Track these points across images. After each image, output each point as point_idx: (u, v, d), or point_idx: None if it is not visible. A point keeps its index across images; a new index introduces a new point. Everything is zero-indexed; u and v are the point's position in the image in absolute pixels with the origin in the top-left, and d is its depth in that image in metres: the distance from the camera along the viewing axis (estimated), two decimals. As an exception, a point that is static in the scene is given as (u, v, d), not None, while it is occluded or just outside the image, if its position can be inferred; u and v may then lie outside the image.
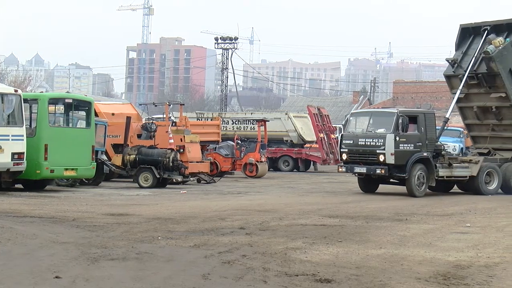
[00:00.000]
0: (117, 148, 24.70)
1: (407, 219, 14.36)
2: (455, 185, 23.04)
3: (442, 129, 22.80)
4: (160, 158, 22.92)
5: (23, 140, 18.82)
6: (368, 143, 20.92)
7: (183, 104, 30.81)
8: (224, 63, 65.50)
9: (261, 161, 30.85)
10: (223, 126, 35.90)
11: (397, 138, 20.46)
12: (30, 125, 19.81)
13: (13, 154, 18.56)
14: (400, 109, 21.64)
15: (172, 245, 10.13)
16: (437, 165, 21.18)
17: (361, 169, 21.21)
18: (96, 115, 23.17)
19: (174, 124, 27.11)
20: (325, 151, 35.62)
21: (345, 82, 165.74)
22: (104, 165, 23.05)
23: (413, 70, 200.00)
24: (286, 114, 38.54)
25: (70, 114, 21.37)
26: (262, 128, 31.96)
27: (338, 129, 37.77)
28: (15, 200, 16.80)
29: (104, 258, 8.86)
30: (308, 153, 37.21)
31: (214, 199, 18.81)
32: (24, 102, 19.26)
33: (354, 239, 11.17)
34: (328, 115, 38.16)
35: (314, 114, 36.02)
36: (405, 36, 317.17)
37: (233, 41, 64.65)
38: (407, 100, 62.09)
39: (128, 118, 24.81)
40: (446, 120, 23.06)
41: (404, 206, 17.52)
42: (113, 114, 26.24)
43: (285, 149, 37.64)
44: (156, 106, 31.33)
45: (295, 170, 37.00)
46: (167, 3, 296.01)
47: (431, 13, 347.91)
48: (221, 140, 31.79)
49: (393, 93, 69.63)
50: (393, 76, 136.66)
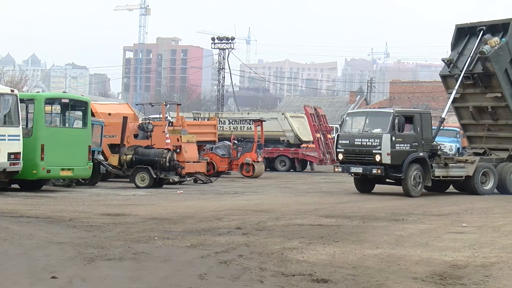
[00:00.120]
0: (114, 148, 24.68)
1: (404, 219, 14.37)
2: (451, 185, 23.07)
3: (438, 129, 22.85)
4: (157, 158, 22.91)
5: (20, 140, 18.80)
6: (364, 143, 20.93)
7: (180, 104, 30.83)
8: (221, 63, 65.57)
9: (258, 161, 30.86)
10: (220, 126, 35.85)
11: (393, 138, 20.47)
12: (27, 125, 19.76)
13: (10, 154, 18.53)
14: (396, 109, 21.64)
15: (169, 245, 10.12)
16: (433, 165, 21.19)
17: (357, 169, 21.22)
18: (93, 115, 23.15)
19: (171, 124, 27.09)
20: (322, 151, 35.66)
21: (342, 82, 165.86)
22: (101, 165, 23.02)
23: (410, 70, 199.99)
24: (283, 114, 38.54)
25: (67, 114, 21.36)
26: (259, 128, 31.98)
27: (335, 129, 37.71)
28: (12, 200, 16.79)
29: (101, 258, 8.86)
30: (305, 153, 37.24)
31: (211, 199, 18.81)
32: (21, 102, 19.24)
33: (351, 239, 11.18)
34: (325, 115, 38.19)
35: (311, 114, 36.04)
36: (402, 36, 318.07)
37: (230, 41, 64.72)
38: (404, 100, 62.21)
39: (125, 118, 24.81)
40: (442, 120, 23.15)
41: (401, 206, 17.53)
42: (110, 114, 26.20)
43: (282, 149, 37.67)
44: (153, 106, 31.29)
45: (292, 170, 37.02)
46: (164, 3, 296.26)
47: (428, 14, 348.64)
48: (218, 140, 31.78)
49: (390, 93, 69.75)
50: (390, 76, 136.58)
